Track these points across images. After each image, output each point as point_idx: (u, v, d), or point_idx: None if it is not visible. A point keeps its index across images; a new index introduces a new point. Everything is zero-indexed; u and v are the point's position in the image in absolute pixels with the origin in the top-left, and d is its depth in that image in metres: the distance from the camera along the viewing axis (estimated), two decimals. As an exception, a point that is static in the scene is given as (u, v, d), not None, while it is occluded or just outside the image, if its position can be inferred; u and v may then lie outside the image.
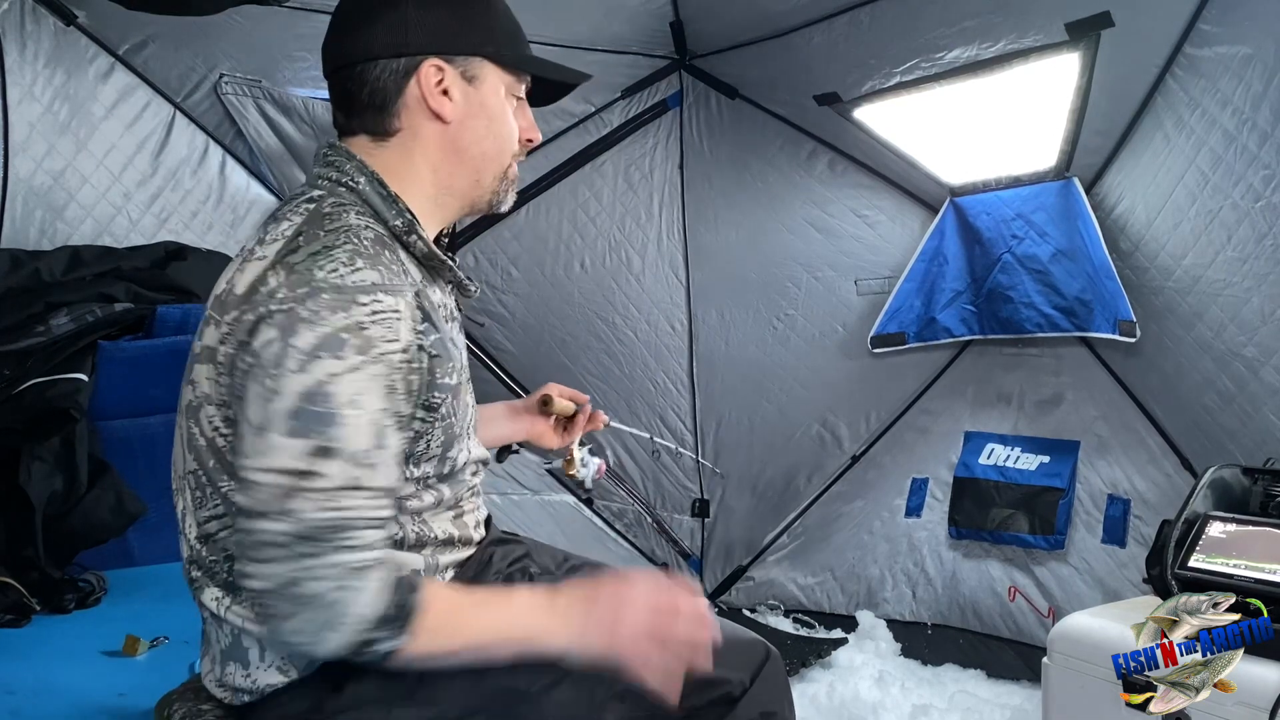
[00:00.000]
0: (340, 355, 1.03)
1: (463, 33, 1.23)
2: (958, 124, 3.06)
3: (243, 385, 1.06)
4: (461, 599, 1.16)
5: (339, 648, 1.04)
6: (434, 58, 1.20)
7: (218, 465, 1.14)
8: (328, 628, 1.03)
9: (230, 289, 1.13)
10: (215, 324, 1.13)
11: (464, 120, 1.24)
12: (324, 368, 1.02)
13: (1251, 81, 2.31)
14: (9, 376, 2.34)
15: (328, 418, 1.02)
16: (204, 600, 1.18)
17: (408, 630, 1.06)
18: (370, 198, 1.19)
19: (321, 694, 1.16)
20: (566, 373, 3.92)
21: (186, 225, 3.12)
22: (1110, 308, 2.84)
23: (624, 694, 1.19)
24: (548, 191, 3.82)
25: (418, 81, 1.20)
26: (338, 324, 1.03)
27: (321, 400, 1.02)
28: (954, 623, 3.36)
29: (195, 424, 1.16)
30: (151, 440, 2.47)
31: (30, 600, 2.16)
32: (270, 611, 1.04)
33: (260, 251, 1.13)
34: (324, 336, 1.03)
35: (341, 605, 1.02)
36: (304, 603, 1.02)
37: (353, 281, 1.06)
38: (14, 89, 2.74)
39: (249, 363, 1.06)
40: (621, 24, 3.40)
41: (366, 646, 1.05)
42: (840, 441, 3.70)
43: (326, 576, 1.01)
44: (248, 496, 1.03)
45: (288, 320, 1.04)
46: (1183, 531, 1.97)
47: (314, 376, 1.02)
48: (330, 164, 1.22)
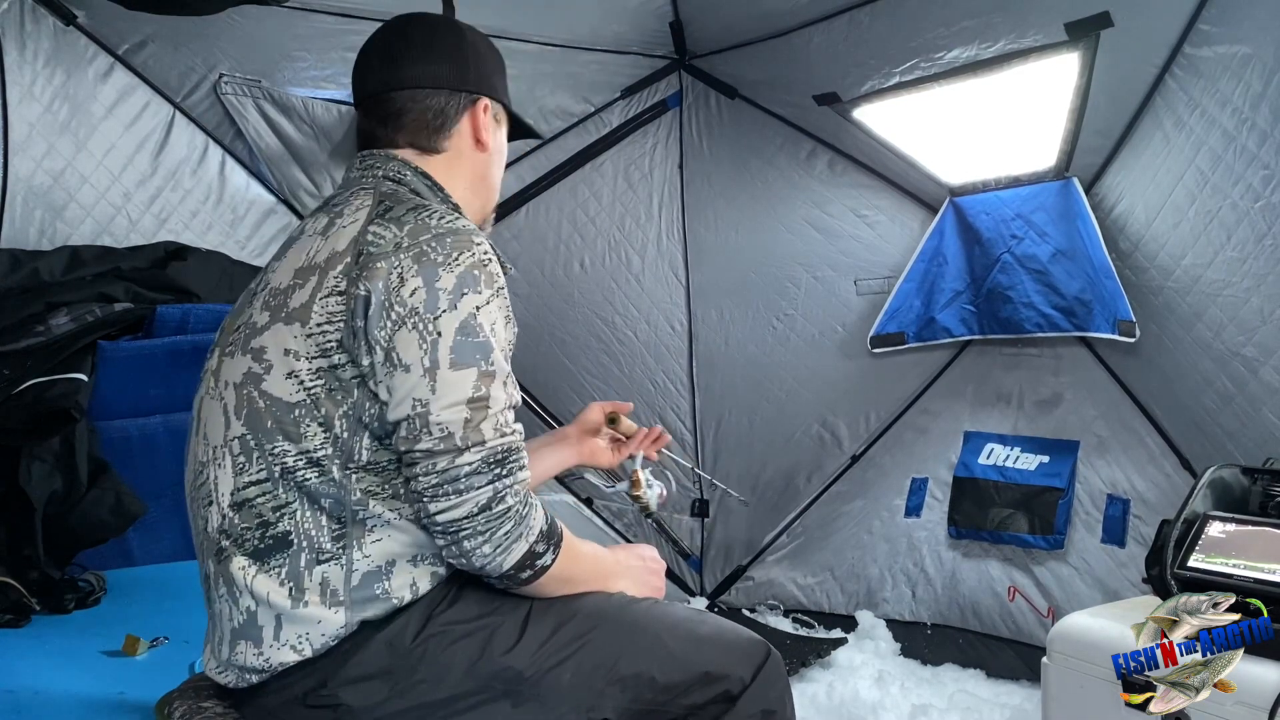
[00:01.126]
0: (478, 290, 1.18)
1: (500, 82, 1.45)
2: (957, 124, 3.06)
3: (394, 336, 1.15)
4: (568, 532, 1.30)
5: (517, 558, 1.18)
6: (487, 97, 1.41)
7: (276, 426, 1.19)
8: (515, 538, 1.17)
9: (315, 255, 1.23)
10: (297, 288, 1.21)
11: (493, 153, 1.43)
12: (470, 301, 1.17)
13: (1251, 81, 2.31)
14: (9, 376, 2.34)
15: (482, 345, 1.17)
16: (231, 570, 1.20)
17: (559, 547, 1.23)
18: (418, 188, 1.33)
19: (327, 671, 1.18)
20: (566, 373, 3.93)
21: (186, 225, 3.12)
22: (1110, 308, 2.85)
23: (623, 680, 1.23)
24: (547, 191, 3.83)
25: (473, 113, 1.39)
26: (467, 262, 1.18)
27: (473, 331, 1.17)
28: (953, 622, 3.36)
29: (255, 389, 1.21)
30: (151, 440, 2.47)
31: (30, 600, 2.16)
32: (473, 531, 1.15)
33: (344, 221, 1.25)
34: (461, 275, 1.17)
35: (527, 517, 1.18)
36: (502, 518, 1.16)
37: (463, 225, 1.22)
38: (13, 89, 2.74)
39: (400, 313, 1.15)
40: (621, 24, 3.40)
41: (534, 559, 1.19)
42: (840, 441, 3.70)
43: (517, 492, 1.17)
44: (434, 438, 1.15)
45: (424, 266, 1.16)
46: (1182, 531, 1.97)
47: (464, 311, 1.16)
48: (369, 165, 1.36)
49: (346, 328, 1.17)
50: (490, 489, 1.15)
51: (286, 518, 1.18)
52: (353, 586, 1.18)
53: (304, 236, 1.28)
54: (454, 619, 1.22)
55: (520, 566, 1.19)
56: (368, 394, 1.18)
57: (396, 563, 1.20)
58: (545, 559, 1.21)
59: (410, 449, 1.16)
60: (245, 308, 1.29)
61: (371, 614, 1.19)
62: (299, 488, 1.18)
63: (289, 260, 1.27)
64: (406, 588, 1.21)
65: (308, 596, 1.18)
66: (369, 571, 1.19)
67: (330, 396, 1.18)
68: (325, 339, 1.18)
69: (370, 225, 1.21)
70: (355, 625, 1.19)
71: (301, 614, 1.17)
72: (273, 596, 1.18)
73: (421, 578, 1.22)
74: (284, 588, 1.18)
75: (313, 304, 1.19)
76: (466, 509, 1.14)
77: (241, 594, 1.20)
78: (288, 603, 1.18)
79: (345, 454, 1.18)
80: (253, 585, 1.19)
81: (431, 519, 1.16)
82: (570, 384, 3.92)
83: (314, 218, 1.32)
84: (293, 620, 1.18)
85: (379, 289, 1.15)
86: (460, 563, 1.19)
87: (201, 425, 1.27)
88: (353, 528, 1.19)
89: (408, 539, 1.21)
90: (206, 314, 2.57)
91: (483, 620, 1.23)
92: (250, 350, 1.23)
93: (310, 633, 1.18)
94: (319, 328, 1.18)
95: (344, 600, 1.18)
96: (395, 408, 1.16)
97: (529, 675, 1.21)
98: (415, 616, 1.20)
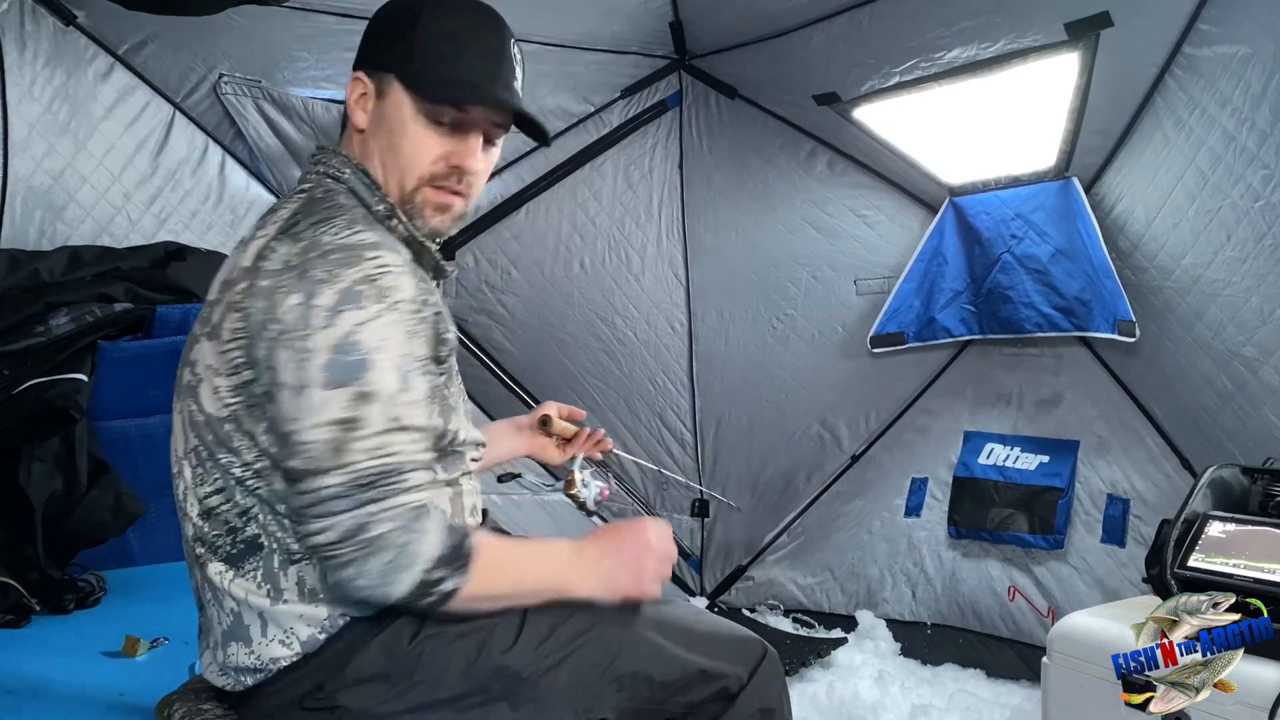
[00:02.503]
0: (361, 306, 1.11)
1: (381, 51, 1.30)
2: (957, 124, 3.06)
3: (271, 354, 1.12)
4: (507, 543, 1.25)
5: (407, 588, 1.09)
6: (358, 71, 1.31)
7: (216, 439, 1.18)
8: (397, 569, 1.09)
9: (233, 269, 1.20)
10: (218, 304, 1.20)
11: (372, 130, 1.30)
12: (349, 319, 1.10)
13: (1250, 81, 2.31)
14: (9, 377, 2.34)
15: (360, 364, 1.10)
16: (209, 575, 1.21)
17: (467, 570, 1.13)
18: (355, 186, 1.28)
19: (324, 675, 1.18)
20: (566, 373, 3.92)
21: (186, 225, 3.12)
22: (1109, 307, 2.84)
23: (620, 679, 1.23)
24: (547, 191, 3.83)
25: (348, 92, 1.31)
26: (352, 277, 1.11)
27: (351, 349, 1.09)
28: (953, 622, 3.36)
29: (195, 401, 1.21)
30: (151, 440, 2.47)
31: (30, 600, 2.16)
32: (341, 561, 1.08)
33: (259, 234, 1.22)
34: (342, 291, 1.10)
35: (409, 545, 1.09)
36: (373, 546, 1.08)
37: (356, 240, 1.15)
38: (13, 89, 2.74)
39: (276, 330, 1.11)
40: (621, 24, 3.40)
41: (431, 587, 1.11)
42: (840, 441, 3.70)
43: (391, 518, 1.09)
44: (300, 459, 1.10)
45: (304, 283, 1.11)
46: (1182, 531, 1.97)
47: (341, 329, 1.10)
48: (318, 161, 1.32)
49: (248, 344, 1.15)
50: (354, 515, 1.08)
51: (252, 522, 1.19)
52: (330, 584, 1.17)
53: (237, 248, 1.26)
54: (450, 620, 1.21)
55: (416, 595, 1.11)
56: None
57: None
58: (446, 585, 1.12)
59: (286, 467, 1.13)
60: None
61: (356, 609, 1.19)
62: (253, 494, 1.18)
63: (221, 271, 1.25)
64: None
65: (286, 595, 1.18)
66: None
67: (250, 413, 1.16)
68: (233, 357, 1.16)
69: (273, 240, 1.18)
70: (340, 619, 1.18)
71: (283, 610, 1.18)
72: (252, 598, 1.18)
73: None
74: (262, 589, 1.18)
75: (224, 321, 1.17)
76: (330, 535, 1.08)
77: (224, 597, 1.20)
78: (267, 601, 1.18)
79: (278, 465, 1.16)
80: (231, 589, 1.19)
81: (304, 544, 1.12)
82: (570, 384, 3.92)
83: (260, 219, 1.30)
84: (275, 617, 1.18)
85: (260, 307, 1.13)
86: (346, 593, 1.12)
87: (173, 436, 1.28)
88: None
89: None
90: (206, 314, 2.56)
91: (479, 621, 1.22)
92: (189, 363, 1.23)
93: (295, 626, 1.18)
94: (226, 345, 1.16)
95: (323, 597, 1.18)
96: (278, 425, 1.13)
97: (526, 675, 1.20)
98: (411, 618, 1.20)
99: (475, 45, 1.30)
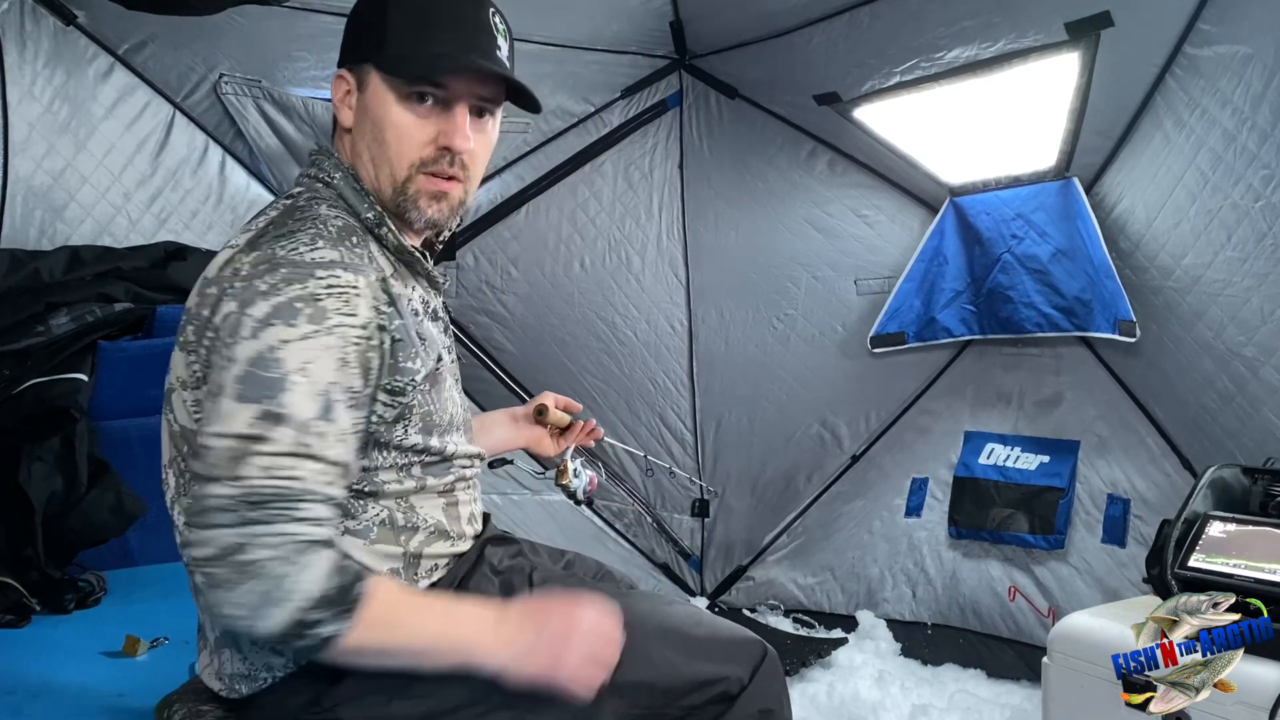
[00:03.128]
0: (292, 323, 1.06)
1: (354, 44, 1.27)
2: (957, 124, 3.06)
3: (207, 358, 1.10)
4: (406, 595, 1.16)
5: (279, 625, 1.00)
6: (341, 69, 1.28)
7: (191, 450, 1.16)
8: (270, 601, 1.00)
9: (203, 278, 1.19)
10: (187, 313, 1.18)
11: (357, 127, 1.26)
12: (275, 334, 1.05)
13: (1251, 81, 2.31)
14: (9, 376, 2.34)
15: (276, 383, 1.04)
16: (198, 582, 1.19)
17: (350, 616, 1.03)
18: (344, 192, 1.25)
19: (320, 687, 1.17)
20: (566, 373, 3.92)
21: (186, 225, 3.12)
22: (1110, 307, 2.84)
23: (621, 688, 1.20)
24: (547, 191, 3.82)
25: (333, 92, 1.28)
26: (292, 294, 1.07)
27: (271, 366, 1.04)
28: (954, 622, 3.36)
29: (171, 411, 1.20)
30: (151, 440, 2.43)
31: (30, 600, 2.15)
32: (213, 580, 1.00)
33: (233, 242, 1.20)
34: (277, 305, 1.06)
35: (286, 578, 1.00)
36: (248, 571, 0.99)
37: (311, 258, 1.11)
38: (13, 89, 2.74)
39: (210, 337, 1.10)
40: (621, 24, 3.40)
41: (306, 628, 1.01)
42: (840, 441, 3.70)
43: (272, 545, 1.00)
44: (200, 462, 1.04)
45: (245, 292, 1.08)
46: (1183, 531, 1.97)
47: (265, 342, 1.05)
48: (314, 163, 1.30)
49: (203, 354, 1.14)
50: (236, 532, 0.99)
51: None
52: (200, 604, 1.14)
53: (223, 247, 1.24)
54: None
55: (289, 635, 1.01)
56: None
57: None
58: (323, 629, 1.02)
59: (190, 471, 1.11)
60: None
61: None
62: None
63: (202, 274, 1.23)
64: None
65: None
66: None
67: None
68: (195, 369, 1.15)
69: (238, 253, 1.16)
70: None
71: None
72: None
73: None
74: None
75: (187, 331, 1.17)
76: (207, 550, 1.00)
77: None
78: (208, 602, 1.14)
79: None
80: None
81: (183, 554, 1.04)
82: (571, 383, 3.91)
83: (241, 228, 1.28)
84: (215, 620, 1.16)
85: (204, 314, 1.13)
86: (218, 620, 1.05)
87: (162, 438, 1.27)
88: None
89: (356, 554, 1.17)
90: (206, 314, 2.56)
91: None
92: (169, 370, 1.22)
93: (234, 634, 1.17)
94: (190, 356, 1.16)
95: None
96: None
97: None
98: None
99: (447, 18, 1.24)
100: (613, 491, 3.97)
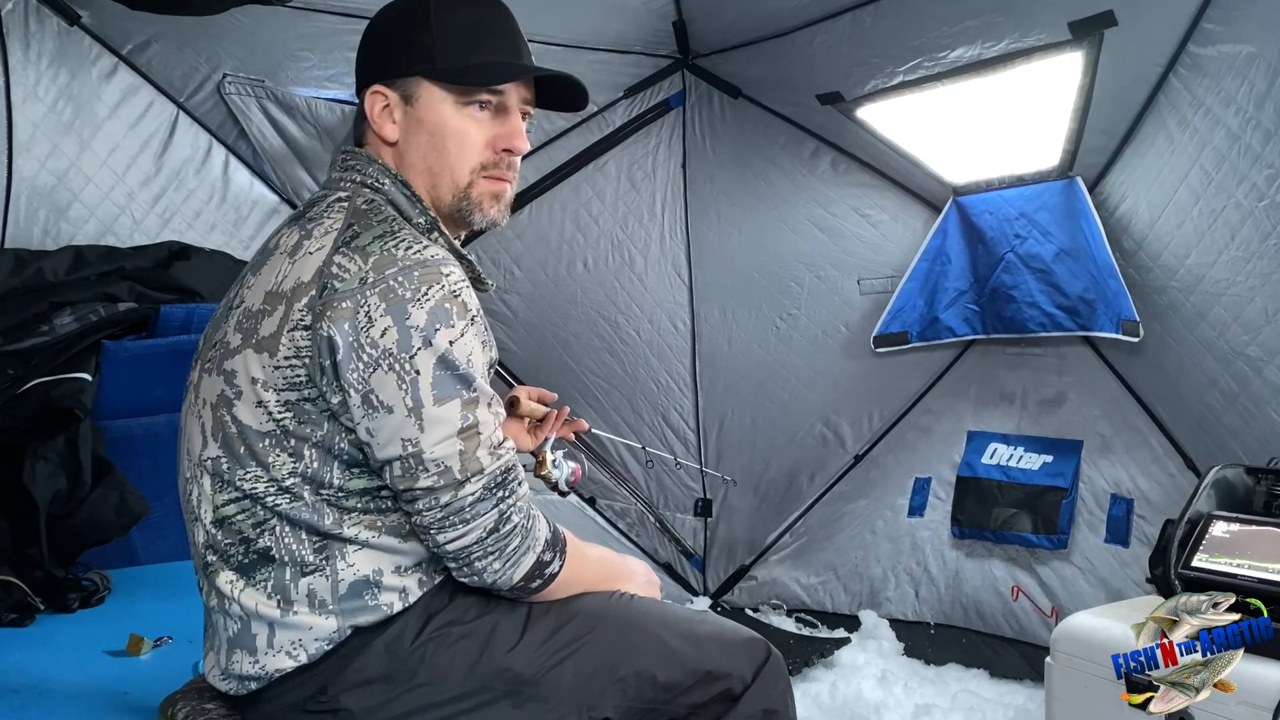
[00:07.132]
0: (451, 324, 1.14)
1: (397, 57, 1.28)
2: (961, 123, 3.06)
3: (366, 377, 1.12)
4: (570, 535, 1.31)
5: (527, 570, 1.21)
6: (376, 85, 1.28)
7: (248, 452, 1.18)
8: (523, 551, 1.20)
9: (283, 278, 1.18)
10: (268, 315, 1.17)
11: (407, 139, 1.28)
12: (443, 337, 1.13)
13: (1255, 80, 2.30)
14: (13, 376, 2.34)
15: (461, 377, 1.15)
16: (218, 584, 1.21)
17: (565, 553, 1.26)
18: (395, 198, 1.26)
19: (327, 677, 1.19)
20: (569, 372, 3.93)
21: (190, 225, 3.13)
22: (1113, 307, 2.84)
23: (624, 679, 1.24)
24: (550, 191, 3.83)
25: (369, 109, 1.29)
26: (437, 296, 1.13)
27: (450, 365, 1.14)
28: (957, 622, 3.36)
29: (228, 412, 1.19)
30: (155, 439, 2.48)
31: (34, 599, 2.16)
32: (480, 554, 1.18)
33: (311, 245, 1.19)
34: (432, 311, 1.13)
35: (532, 531, 1.21)
36: (509, 536, 1.19)
37: (430, 256, 1.16)
38: (18, 89, 2.74)
39: (373, 355, 1.12)
40: (624, 23, 3.40)
41: (544, 568, 1.22)
42: (843, 441, 3.70)
43: (520, 510, 1.20)
44: (434, 475, 1.14)
45: (392, 304, 1.12)
46: (1186, 531, 1.97)
47: (438, 348, 1.13)
48: (350, 167, 1.29)
49: (314, 364, 1.14)
50: (495, 512, 1.17)
51: (267, 534, 1.18)
52: (340, 595, 1.18)
53: (276, 254, 1.23)
54: (453, 620, 1.22)
55: (530, 577, 1.21)
56: (339, 427, 1.16)
57: (383, 573, 1.20)
58: (553, 566, 1.23)
59: (410, 487, 1.15)
60: (222, 322, 1.26)
61: (364, 620, 1.19)
62: (272, 509, 1.18)
63: (262, 278, 1.22)
64: (396, 595, 1.21)
65: (296, 606, 1.18)
66: (355, 581, 1.19)
67: (299, 428, 1.16)
68: (293, 373, 1.15)
69: (335, 254, 1.16)
70: (348, 630, 1.19)
71: (292, 621, 1.18)
72: (261, 609, 1.18)
73: (411, 585, 1.22)
74: (272, 600, 1.18)
75: (280, 335, 1.15)
76: (475, 535, 1.17)
77: (232, 605, 1.20)
78: (277, 613, 1.18)
79: (315, 482, 1.17)
80: (241, 599, 1.19)
81: (441, 549, 1.18)
82: (573, 383, 3.92)
83: (288, 229, 1.27)
84: (285, 628, 1.18)
85: (345, 330, 1.11)
86: (473, 581, 1.21)
87: (185, 438, 1.27)
88: (332, 543, 1.19)
89: (389, 554, 1.21)
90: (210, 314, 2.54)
91: (482, 620, 1.23)
92: (223, 372, 1.20)
93: (303, 638, 1.18)
94: (286, 361, 1.15)
95: (333, 609, 1.18)
96: (383, 448, 1.14)
97: (529, 675, 1.21)
98: (414, 619, 1.21)
99: (493, 27, 1.30)
100: (615, 491, 3.97)
